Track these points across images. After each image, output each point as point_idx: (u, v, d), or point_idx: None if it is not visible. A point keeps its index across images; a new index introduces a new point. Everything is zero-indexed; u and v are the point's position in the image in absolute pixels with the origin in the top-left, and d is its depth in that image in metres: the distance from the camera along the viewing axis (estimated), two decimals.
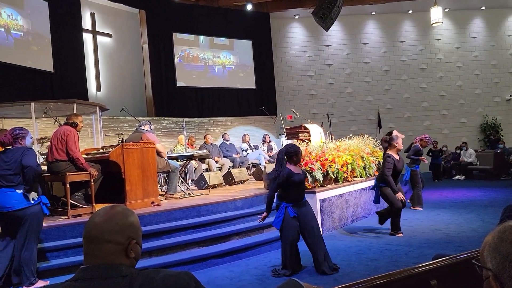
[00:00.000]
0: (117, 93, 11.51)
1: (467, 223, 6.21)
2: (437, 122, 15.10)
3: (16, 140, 3.90)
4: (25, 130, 4.00)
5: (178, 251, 4.87)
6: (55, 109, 6.59)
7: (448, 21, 15.09)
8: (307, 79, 14.74)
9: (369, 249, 5.13)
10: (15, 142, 3.90)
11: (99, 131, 7.45)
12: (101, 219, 1.24)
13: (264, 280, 4.19)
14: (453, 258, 1.62)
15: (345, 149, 7.35)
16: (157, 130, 11.23)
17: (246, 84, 13.72)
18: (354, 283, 1.53)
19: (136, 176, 5.51)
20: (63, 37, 9.73)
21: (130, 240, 1.24)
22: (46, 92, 9.08)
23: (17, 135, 3.90)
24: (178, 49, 12.55)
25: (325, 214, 6.31)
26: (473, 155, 12.70)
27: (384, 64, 15.05)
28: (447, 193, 9.73)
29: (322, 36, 14.58)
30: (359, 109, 14.82)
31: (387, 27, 15.13)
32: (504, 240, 0.98)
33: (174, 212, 5.41)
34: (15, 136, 3.89)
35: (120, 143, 5.69)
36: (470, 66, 15.27)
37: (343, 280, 4.07)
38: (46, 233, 4.47)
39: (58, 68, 9.51)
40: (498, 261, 0.96)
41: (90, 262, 1.21)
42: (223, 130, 12.50)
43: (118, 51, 11.83)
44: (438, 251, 4.08)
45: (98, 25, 11.30)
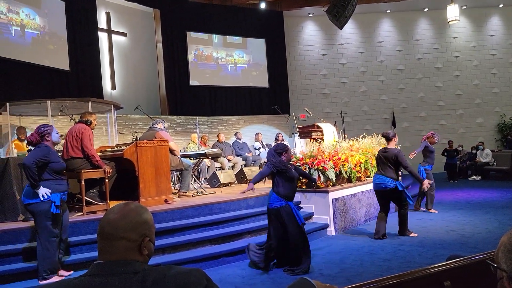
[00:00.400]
0: (131, 92, 11.64)
1: (482, 224, 6.10)
2: (453, 121, 14.86)
3: (43, 137, 3.97)
4: (49, 126, 4.04)
5: (190, 249, 4.90)
6: (71, 107, 6.70)
7: (465, 19, 14.83)
8: (320, 77, 14.66)
9: (382, 249, 5.09)
10: (42, 139, 3.97)
11: (113, 129, 7.55)
12: (115, 216, 1.26)
13: (276, 279, 4.19)
14: (467, 259, 1.59)
15: (358, 148, 7.30)
16: (171, 129, 11.31)
17: (259, 82, 13.72)
18: (366, 283, 1.52)
19: (149, 174, 5.57)
20: (79, 36, 9.89)
21: (143, 237, 1.26)
22: (62, 90, 9.23)
23: (43, 132, 3.97)
24: (192, 48, 12.62)
25: (338, 213, 6.27)
26: (489, 155, 12.47)
27: (399, 62, 14.88)
28: (463, 193, 9.58)
29: (336, 35, 14.49)
30: (373, 108, 14.68)
31: (402, 25, 14.95)
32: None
33: (186, 209, 5.45)
34: (41, 133, 3.97)
35: (134, 141, 5.75)
36: (487, 65, 14.98)
37: (355, 280, 4.05)
38: None
39: (74, 66, 9.67)
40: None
41: (104, 258, 1.23)
42: (236, 128, 12.53)
43: (132, 50, 11.96)
44: (453, 252, 4.02)
45: (113, 24, 11.43)
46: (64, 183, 4.02)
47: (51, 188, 3.86)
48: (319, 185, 6.29)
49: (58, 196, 3.88)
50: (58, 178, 3.94)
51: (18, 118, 7.59)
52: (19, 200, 4.90)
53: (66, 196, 4.12)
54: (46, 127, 4.01)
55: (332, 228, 6.13)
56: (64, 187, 4.01)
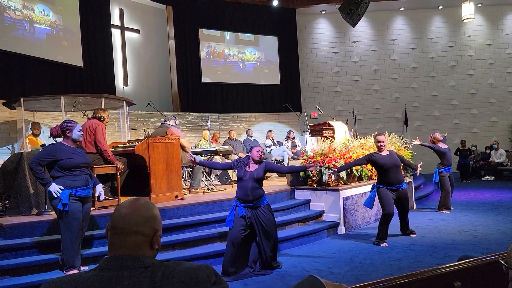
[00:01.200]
0: (143, 88, 11.73)
1: (495, 225, 6.02)
2: (466, 121, 14.64)
3: (64, 132, 4.01)
4: (73, 123, 4.05)
5: (201, 245, 4.94)
6: (84, 103, 6.78)
7: (480, 17, 14.58)
8: (332, 75, 14.58)
9: (392, 249, 5.06)
10: (64, 134, 4.01)
11: (125, 125, 7.62)
12: (127, 211, 1.27)
13: (285, 277, 4.20)
14: (478, 260, 1.58)
15: (370, 147, 7.25)
16: (182, 125, 11.38)
17: (271, 80, 13.70)
18: (375, 282, 1.52)
19: (160, 170, 5.61)
20: (93, 33, 9.98)
21: (155, 232, 1.28)
22: (76, 86, 9.35)
23: (65, 127, 4.00)
24: (204, 45, 12.65)
25: (348, 212, 6.25)
26: (503, 156, 12.27)
27: (412, 61, 14.70)
28: (475, 194, 9.45)
29: (348, 32, 14.37)
30: (385, 107, 14.55)
31: (416, 23, 14.76)
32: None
33: (197, 206, 5.48)
34: (63, 128, 4.01)
35: (145, 138, 5.80)
36: (502, 64, 14.71)
37: (365, 279, 4.03)
38: None
39: (87, 63, 9.77)
40: None
41: (114, 252, 1.25)
42: (247, 126, 12.54)
43: (145, 47, 12.04)
44: (464, 252, 3.98)
45: (126, 21, 11.52)
46: (80, 178, 3.97)
47: (63, 184, 3.85)
48: (329, 183, 6.27)
49: (67, 193, 3.84)
50: (70, 174, 3.91)
51: (32, 113, 7.72)
52: (32, 194, 4.99)
53: (87, 190, 4.04)
54: (70, 123, 4.02)
55: (342, 226, 6.11)
56: (79, 182, 3.95)
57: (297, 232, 5.56)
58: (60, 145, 3.98)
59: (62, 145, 3.98)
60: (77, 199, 3.94)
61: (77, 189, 3.94)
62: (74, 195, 3.90)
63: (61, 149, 3.93)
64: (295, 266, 4.55)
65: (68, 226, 3.89)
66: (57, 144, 3.99)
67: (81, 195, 3.97)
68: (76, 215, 3.91)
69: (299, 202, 6.35)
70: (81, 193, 3.97)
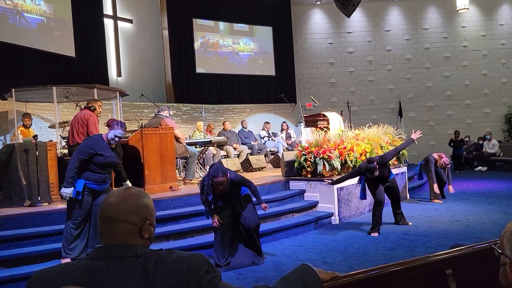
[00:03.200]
0: (137, 79, 11.63)
1: (487, 215, 6.08)
2: (460, 111, 14.70)
3: (108, 126, 4.21)
4: (121, 126, 4.11)
5: (195, 235, 4.95)
6: (76, 93, 6.72)
7: (475, 8, 14.56)
8: (327, 66, 14.53)
9: (386, 238, 5.10)
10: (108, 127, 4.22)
11: (119, 116, 7.56)
12: (116, 200, 1.26)
13: (280, 266, 4.22)
14: (469, 248, 1.59)
15: (364, 138, 7.26)
16: (176, 116, 11.32)
17: (266, 71, 13.64)
18: (367, 270, 1.52)
19: (154, 161, 5.60)
20: (85, 23, 9.85)
21: (144, 221, 1.27)
22: (68, 77, 9.24)
23: (111, 122, 4.17)
24: (198, 35, 12.54)
25: (342, 202, 6.28)
26: (496, 146, 12.36)
27: (407, 52, 14.68)
28: (468, 184, 9.53)
29: (343, 23, 14.31)
30: (379, 98, 14.56)
31: (411, 13, 14.71)
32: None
33: (191, 197, 5.48)
34: (110, 123, 4.21)
35: (139, 129, 5.76)
36: (496, 55, 14.73)
37: (359, 268, 4.05)
38: None
39: (80, 53, 9.65)
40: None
41: (105, 241, 1.24)
42: (242, 117, 12.50)
43: (138, 37, 11.92)
44: (457, 241, 4.02)
45: (119, 11, 11.38)
46: (102, 176, 4.05)
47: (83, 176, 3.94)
48: (324, 174, 6.29)
49: (82, 183, 3.93)
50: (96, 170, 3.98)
51: (24, 104, 7.63)
52: (25, 185, 4.96)
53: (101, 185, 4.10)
54: (118, 124, 4.08)
55: (337, 216, 6.14)
56: (99, 179, 4.03)
57: (292, 223, 5.59)
58: (100, 139, 4.02)
59: (101, 141, 4.01)
60: (89, 193, 4.01)
61: (96, 183, 4.03)
62: (88, 187, 3.97)
63: (100, 144, 3.97)
64: (289, 256, 4.58)
65: (72, 215, 3.99)
66: (97, 138, 4.03)
67: (94, 189, 4.04)
68: (84, 205, 3.99)
69: (294, 193, 6.37)
70: (94, 187, 4.03)
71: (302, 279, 1.30)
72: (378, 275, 1.52)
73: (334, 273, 1.42)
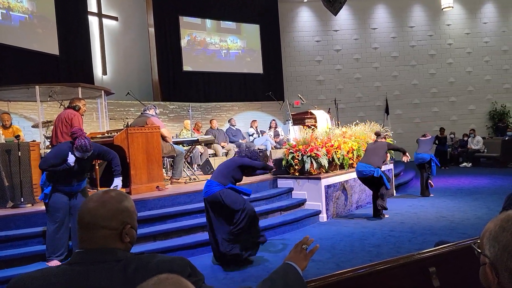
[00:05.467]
0: (123, 77, 11.49)
1: (472, 211, 6.17)
2: (445, 108, 14.90)
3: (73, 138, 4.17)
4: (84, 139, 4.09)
5: (182, 235, 4.91)
6: (60, 92, 6.60)
7: (459, 6, 14.75)
8: (315, 64, 14.58)
9: (373, 235, 5.14)
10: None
11: (104, 115, 7.47)
12: (94, 205, 1.23)
13: (268, 265, 4.21)
14: (452, 245, 1.60)
15: (351, 135, 7.31)
16: (163, 115, 11.23)
17: (253, 69, 13.61)
18: (354, 269, 1.52)
19: (140, 161, 5.54)
20: (69, 20, 9.68)
21: (124, 225, 1.24)
22: (52, 75, 9.07)
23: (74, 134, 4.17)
24: (185, 33, 12.44)
25: (330, 200, 6.31)
26: (480, 143, 12.56)
27: (393, 49, 14.81)
28: (453, 180, 9.66)
29: (330, 21, 14.36)
30: (367, 95, 14.66)
31: (397, 12, 14.83)
32: (505, 229, 0.96)
33: (179, 196, 5.44)
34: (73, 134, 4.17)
35: (125, 128, 5.69)
36: (480, 52, 14.96)
37: (346, 266, 4.08)
38: None
39: (64, 51, 9.48)
40: (497, 250, 0.94)
41: (85, 246, 1.21)
42: (229, 115, 12.47)
43: (124, 35, 11.77)
44: (442, 238, 4.06)
45: (103, 8, 11.22)
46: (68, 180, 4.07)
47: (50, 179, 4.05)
48: (311, 171, 6.30)
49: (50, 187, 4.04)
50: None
51: (6, 103, 7.47)
52: (7, 186, 4.86)
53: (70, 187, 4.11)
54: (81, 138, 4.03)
55: (324, 214, 6.17)
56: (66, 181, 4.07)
57: (280, 221, 5.59)
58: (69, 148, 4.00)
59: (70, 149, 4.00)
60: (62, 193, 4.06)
61: (61, 186, 4.06)
62: (57, 189, 4.04)
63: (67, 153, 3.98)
64: (277, 255, 4.58)
65: (50, 217, 4.06)
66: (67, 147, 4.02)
67: (64, 190, 4.08)
68: (58, 205, 4.03)
69: (282, 191, 6.38)
70: (63, 188, 4.07)
71: (284, 278, 1.29)
72: (364, 274, 1.52)
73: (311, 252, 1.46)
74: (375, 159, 6.01)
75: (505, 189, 7.92)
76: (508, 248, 0.92)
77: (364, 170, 5.97)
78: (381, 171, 5.95)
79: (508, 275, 0.91)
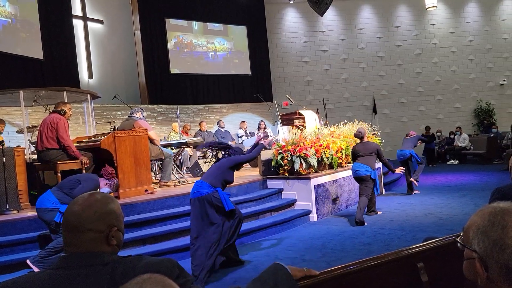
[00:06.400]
0: (109, 81, 11.39)
1: (459, 207, 6.25)
2: (431, 107, 15.09)
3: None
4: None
5: (172, 239, 4.86)
6: (45, 97, 6.50)
7: (443, 6, 14.97)
8: (302, 65, 14.64)
9: (363, 234, 5.16)
10: None
11: (90, 119, 7.38)
12: (79, 207, 1.21)
13: (258, 266, 4.20)
14: (440, 241, 1.61)
15: (339, 135, 7.34)
16: (151, 118, 11.15)
17: (241, 70, 13.61)
18: (344, 266, 1.52)
19: (128, 164, 5.48)
20: (53, 24, 9.56)
21: (111, 228, 1.22)
22: (37, 80, 8.95)
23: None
24: (171, 35, 12.39)
25: (320, 199, 6.32)
26: (466, 140, 12.75)
27: (379, 49, 14.95)
28: (441, 177, 9.78)
29: (317, 22, 14.44)
30: (354, 95, 14.77)
31: (382, 12, 14.99)
32: (495, 224, 0.95)
33: (168, 199, 5.39)
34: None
35: (111, 131, 5.63)
36: (464, 51, 15.21)
37: (337, 265, 4.08)
38: (38, 222, 4.44)
39: (48, 55, 9.36)
40: (487, 245, 0.94)
41: (70, 250, 1.19)
42: (218, 117, 12.43)
43: (110, 38, 11.67)
44: (431, 234, 4.10)
45: (88, 11, 11.11)
46: None
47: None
48: (301, 171, 6.31)
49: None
50: None
51: None
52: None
53: None
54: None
55: (315, 214, 6.18)
56: None
57: (270, 222, 5.58)
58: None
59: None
60: None
61: None
62: None
63: None
64: (268, 255, 4.57)
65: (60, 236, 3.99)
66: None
67: None
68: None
69: (272, 192, 6.37)
70: None
71: (273, 278, 1.28)
72: (354, 270, 1.53)
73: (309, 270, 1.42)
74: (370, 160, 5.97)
75: (491, 185, 8.05)
76: (500, 243, 0.91)
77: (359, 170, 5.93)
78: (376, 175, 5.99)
79: (498, 270, 0.91)
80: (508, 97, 15.21)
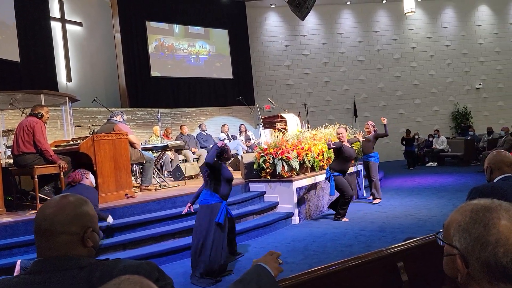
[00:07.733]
0: (89, 84, 11.19)
1: (438, 208, 6.37)
2: (410, 110, 15.39)
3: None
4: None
5: (153, 243, 4.80)
6: (22, 100, 6.34)
7: (421, 11, 15.31)
8: (284, 68, 14.72)
9: (344, 235, 5.20)
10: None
11: (69, 123, 7.23)
12: (52, 211, 1.17)
13: (241, 269, 4.18)
14: (419, 240, 1.63)
15: (321, 137, 7.39)
16: (132, 121, 11.01)
17: (223, 74, 13.58)
18: (325, 266, 1.53)
19: (108, 168, 5.39)
20: (30, 26, 9.35)
21: (86, 229, 1.19)
22: (13, 83, 8.70)
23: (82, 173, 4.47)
24: (152, 38, 12.28)
25: (302, 202, 6.34)
26: (444, 142, 13.02)
27: (360, 53, 15.17)
28: (420, 179, 9.95)
29: (298, 26, 14.56)
30: (335, 99, 14.93)
31: (362, 17, 15.23)
32: (477, 221, 0.95)
33: (148, 204, 5.32)
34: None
35: (91, 135, 5.53)
36: (442, 56, 15.58)
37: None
38: (14, 228, 4.32)
39: (25, 57, 9.15)
40: (468, 242, 0.94)
41: (44, 254, 1.15)
42: (200, 120, 12.36)
43: (89, 40, 11.48)
44: (411, 235, 4.16)
45: (67, 13, 10.91)
46: None
47: None
48: (283, 174, 6.33)
49: None
50: None
51: None
52: None
53: None
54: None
55: (297, 216, 6.19)
56: None
57: (253, 225, 5.57)
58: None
59: None
60: None
61: None
62: None
63: None
64: (250, 259, 4.54)
65: None
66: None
67: None
68: None
69: (254, 195, 6.36)
70: None
71: (256, 280, 1.27)
72: (335, 271, 1.53)
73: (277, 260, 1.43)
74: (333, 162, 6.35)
75: (468, 186, 8.22)
76: (481, 240, 0.92)
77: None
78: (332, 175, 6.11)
79: (479, 267, 0.91)
80: (484, 100, 15.64)
